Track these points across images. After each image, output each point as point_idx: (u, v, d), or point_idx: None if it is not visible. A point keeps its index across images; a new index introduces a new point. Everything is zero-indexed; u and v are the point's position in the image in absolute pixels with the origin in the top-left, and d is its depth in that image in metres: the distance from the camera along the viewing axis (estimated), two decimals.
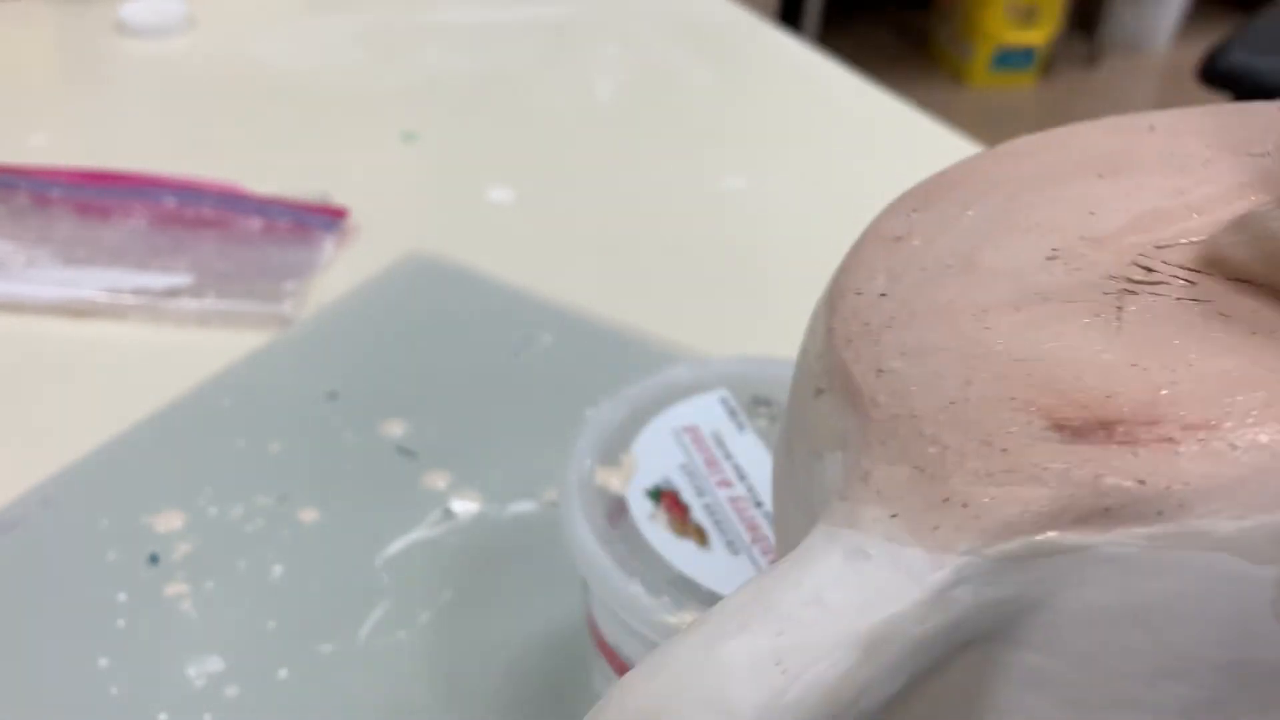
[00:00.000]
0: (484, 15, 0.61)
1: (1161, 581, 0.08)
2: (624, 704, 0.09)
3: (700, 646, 0.09)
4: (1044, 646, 0.09)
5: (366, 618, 0.25)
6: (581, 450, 0.21)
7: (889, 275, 0.10)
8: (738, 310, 0.38)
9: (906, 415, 0.09)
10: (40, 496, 0.28)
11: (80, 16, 0.57)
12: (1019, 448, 0.09)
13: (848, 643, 0.08)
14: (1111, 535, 0.08)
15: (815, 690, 0.08)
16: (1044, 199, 0.11)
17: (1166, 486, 0.08)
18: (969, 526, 0.09)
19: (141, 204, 0.39)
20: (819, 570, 0.09)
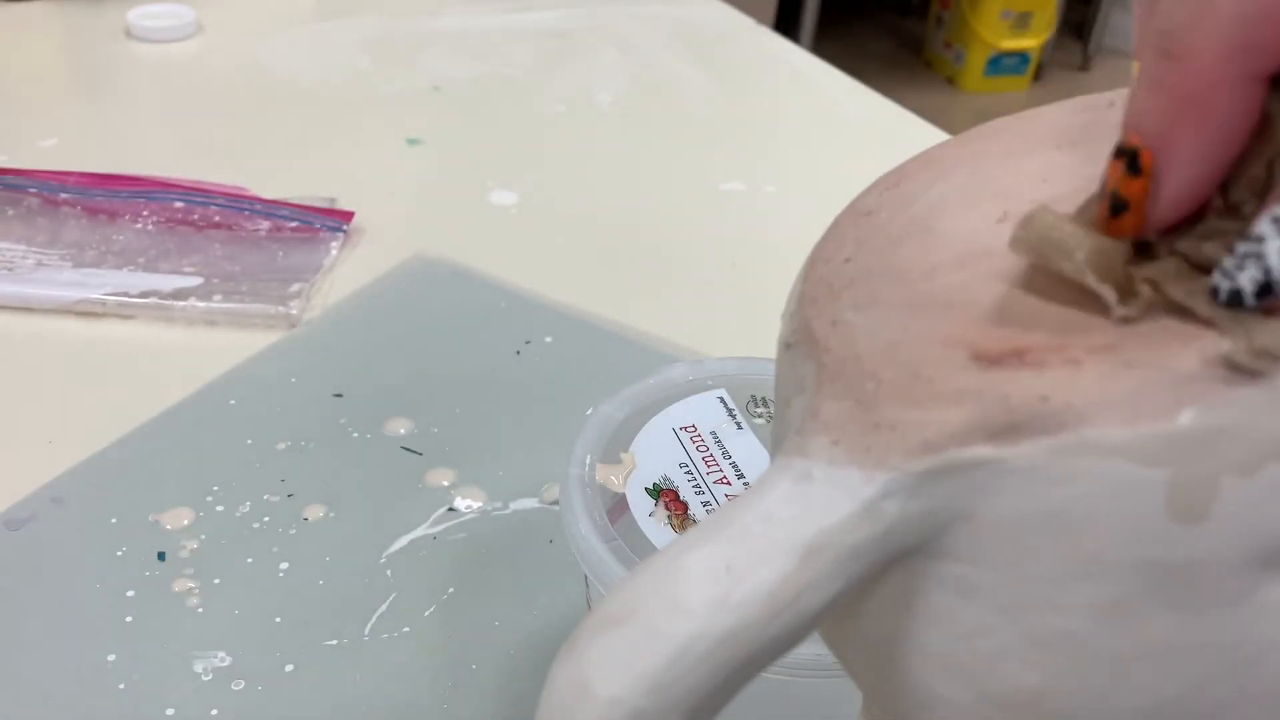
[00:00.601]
0: (487, 22, 0.61)
1: (1067, 489, 0.09)
2: (601, 609, 0.10)
3: (667, 558, 0.10)
4: (969, 556, 0.10)
5: (372, 613, 0.26)
6: (582, 448, 0.21)
7: (856, 244, 0.12)
8: (736, 311, 0.38)
9: (852, 357, 0.10)
10: (50, 494, 0.28)
11: (89, 21, 0.57)
12: (942, 377, 0.10)
13: (789, 550, 0.10)
14: (1020, 448, 0.09)
15: (759, 590, 0.10)
16: (1003, 171, 0.12)
17: (1067, 401, 0.09)
18: (895, 446, 0.10)
19: (150, 206, 0.40)
20: (771, 493, 0.10)
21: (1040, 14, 1.70)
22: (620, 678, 0.10)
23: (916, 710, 0.11)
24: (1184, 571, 0.09)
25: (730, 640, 0.10)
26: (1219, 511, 0.09)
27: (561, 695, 0.10)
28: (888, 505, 0.10)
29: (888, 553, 0.10)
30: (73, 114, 0.49)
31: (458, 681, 0.24)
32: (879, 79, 0.64)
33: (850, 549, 0.10)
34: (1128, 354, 0.09)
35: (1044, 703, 0.10)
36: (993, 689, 0.10)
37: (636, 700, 0.10)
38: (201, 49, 0.56)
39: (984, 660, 0.10)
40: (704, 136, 0.51)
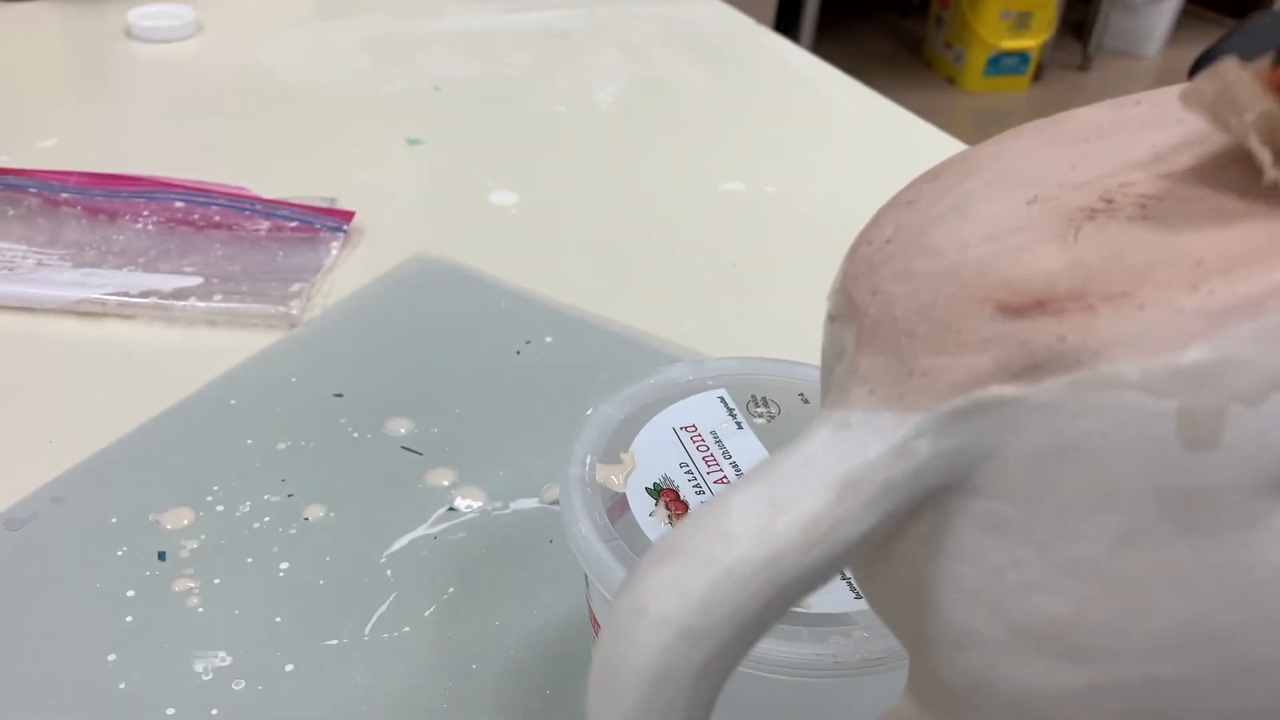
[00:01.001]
0: (487, 22, 0.61)
1: (1084, 422, 0.10)
2: (656, 547, 0.11)
3: (716, 501, 0.11)
4: (997, 492, 0.10)
5: (372, 612, 0.26)
6: (582, 448, 0.21)
7: (895, 228, 0.13)
8: (736, 311, 0.38)
9: (889, 319, 0.11)
10: (50, 494, 0.28)
11: (89, 21, 0.57)
12: (970, 328, 0.10)
13: (827, 485, 0.11)
14: (1040, 386, 0.10)
15: (798, 521, 0.10)
16: (1034, 162, 0.13)
17: (1082, 341, 0.10)
18: (926, 391, 0.10)
19: (150, 206, 0.40)
20: (813, 440, 0.11)
21: (1040, 14, 1.70)
22: (670, 598, 0.11)
23: (953, 651, 0.11)
24: (1197, 497, 0.10)
25: (771, 565, 0.10)
26: (1228, 439, 0.09)
27: (619, 619, 0.11)
28: (919, 444, 0.10)
29: (920, 490, 0.11)
30: (73, 114, 0.49)
31: (458, 681, 0.24)
32: (879, 79, 0.64)
33: (884, 484, 0.10)
34: (1141, 298, 0.10)
35: (1072, 632, 0.10)
36: (1023, 621, 0.11)
37: (685, 618, 0.10)
38: (202, 49, 0.56)
39: (1014, 593, 0.11)
40: (704, 137, 0.51)
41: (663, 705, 0.11)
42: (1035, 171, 0.12)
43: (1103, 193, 0.11)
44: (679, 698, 0.11)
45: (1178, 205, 0.11)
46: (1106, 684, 0.10)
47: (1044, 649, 0.11)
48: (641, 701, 0.11)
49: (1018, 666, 0.11)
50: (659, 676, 0.11)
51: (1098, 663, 0.10)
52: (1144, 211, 0.11)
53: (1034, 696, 0.11)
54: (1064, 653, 0.11)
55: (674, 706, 0.11)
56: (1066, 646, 0.10)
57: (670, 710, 0.11)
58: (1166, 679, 0.10)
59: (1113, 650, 0.10)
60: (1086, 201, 0.11)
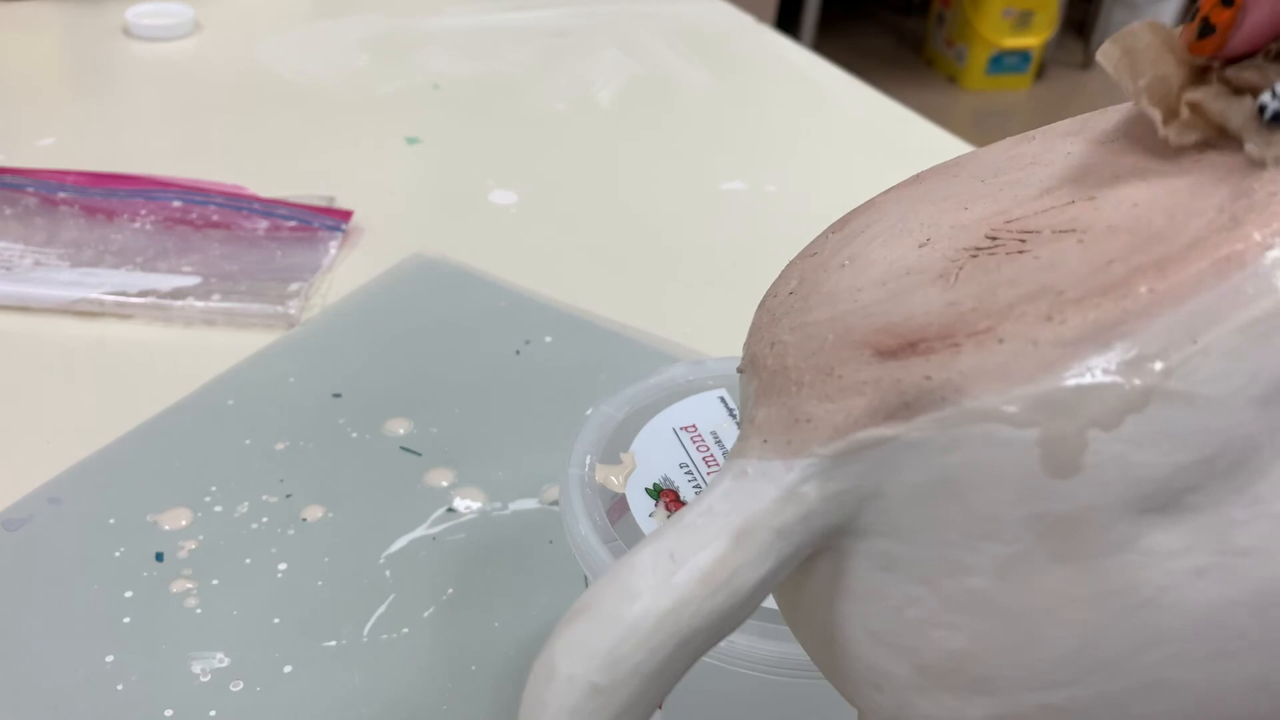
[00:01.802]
0: (486, 20, 0.61)
1: (955, 455, 0.10)
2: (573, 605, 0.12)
3: (624, 557, 0.11)
4: (884, 531, 0.11)
5: (370, 614, 0.26)
6: (582, 448, 0.21)
7: (799, 280, 0.13)
8: (736, 311, 0.38)
9: (781, 369, 0.12)
10: (48, 495, 0.28)
11: (87, 20, 0.57)
12: (849, 373, 0.11)
13: (723, 535, 0.11)
14: (912, 424, 0.10)
15: (696, 571, 0.11)
16: (931, 205, 0.13)
17: (947, 377, 0.10)
18: (810, 436, 0.11)
19: (148, 206, 0.40)
20: (713, 491, 0.11)
21: (1042, 12, 1.70)
22: (577, 657, 0.11)
23: (871, 692, 0.12)
24: (1069, 523, 0.10)
25: (672, 616, 0.11)
26: (1090, 463, 0.09)
27: (534, 680, 0.11)
28: (807, 489, 0.11)
29: (813, 533, 0.11)
30: (70, 113, 0.49)
31: (457, 682, 0.24)
32: (880, 78, 0.64)
33: (777, 530, 0.11)
34: (1001, 332, 0.10)
35: (971, 666, 0.11)
36: (925, 658, 0.11)
37: (591, 676, 0.11)
38: (200, 47, 0.55)
39: (914, 629, 0.11)
40: (704, 136, 0.50)
41: None
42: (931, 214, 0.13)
43: (989, 230, 0.12)
44: None
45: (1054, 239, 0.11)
46: (1009, 714, 0.11)
47: (947, 684, 0.11)
48: None
49: (927, 704, 0.11)
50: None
51: (999, 694, 0.11)
52: (1022, 246, 0.11)
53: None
54: (965, 686, 0.11)
55: None
56: (967, 680, 0.11)
57: None
58: (1066, 706, 0.10)
59: (1011, 680, 0.10)
60: (972, 241, 0.12)
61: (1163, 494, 0.09)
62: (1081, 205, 0.12)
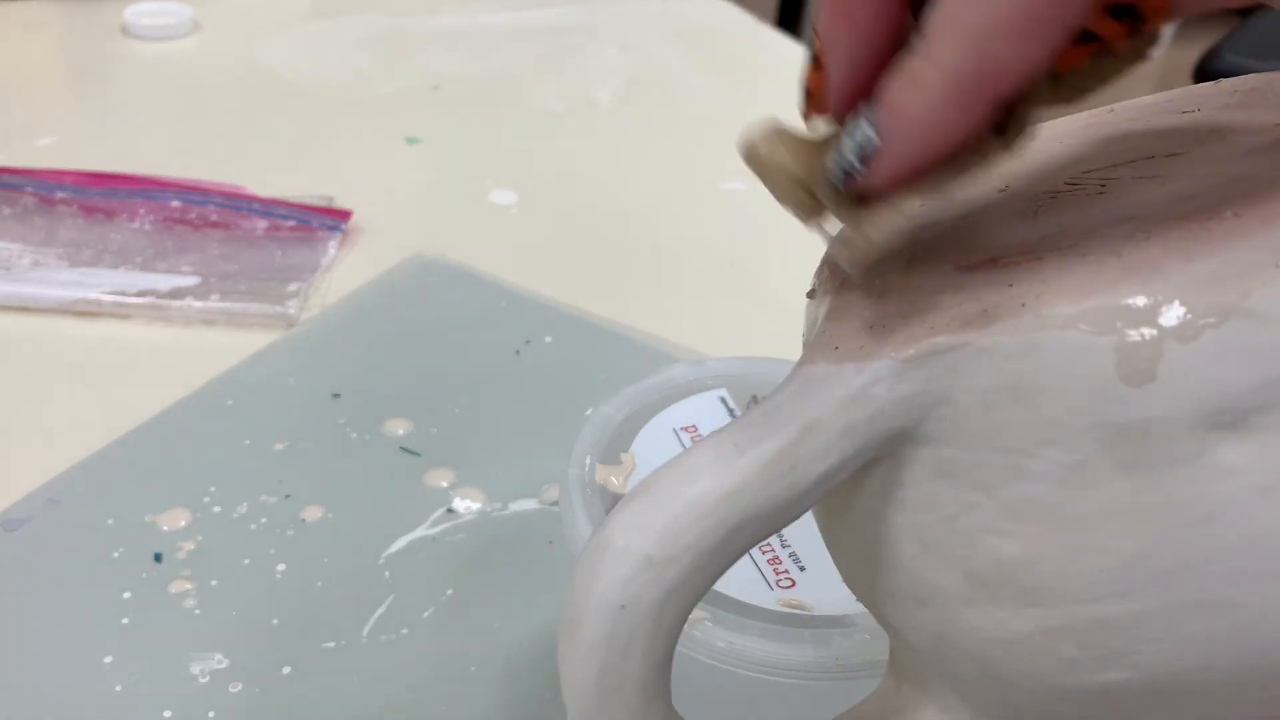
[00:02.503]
0: (486, 20, 0.61)
1: (1028, 361, 0.10)
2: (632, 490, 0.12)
3: (687, 449, 0.12)
4: (948, 438, 0.11)
5: (370, 615, 0.26)
6: (582, 449, 0.21)
7: None
8: (737, 311, 0.38)
9: (861, 285, 0.12)
10: (46, 495, 0.28)
11: (86, 19, 0.57)
12: (930, 285, 0.11)
13: (788, 428, 0.11)
14: (988, 330, 0.10)
15: (758, 459, 0.11)
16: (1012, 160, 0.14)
17: (1028, 286, 0.10)
18: (884, 341, 0.11)
19: (147, 205, 0.40)
20: (780, 393, 0.12)
21: None
22: (634, 531, 0.11)
23: (914, 608, 0.12)
24: (1137, 433, 0.10)
25: (730, 498, 0.11)
26: (1164, 374, 0.10)
27: (589, 553, 0.12)
28: (877, 390, 0.11)
29: (877, 434, 0.11)
30: (69, 112, 0.49)
31: (457, 683, 0.24)
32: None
33: (842, 428, 0.11)
34: (1084, 250, 0.10)
35: (1023, 574, 0.11)
36: (976, 566, 0.11)
37: (647, 549, 0.11)
38: (199, 47, 0.55)
39: (967, 538, 0.11)
40: (705, 135, 0.50)
41: (625, 634, 0.11)
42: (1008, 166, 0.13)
43: (1069, 178, 0.12)
44: (641, 627, 0.11)
45: (1134, 184, 0.11)
46: (1058, 627, 0.11)
47: (997, 595, 0.11)
48: (604, 630, 0.11)
49: (975, 616, 0.11)
50: (621, 605, 0.11)
51: (1049, 605, 0.11)
52: (1103, 190, 0.12)
53: (992, 645, 0.11)
54: (1016, 596, 0.11)
55: (636, 636, 0.11)
56: (1018, 590, 0.11)
57: (632, 639, 0.11)
58: (1116, 619, 0.10)
59: (1062, 591, 0.11)
60: (1052, 186, 0.12)
61: (1232, 410, 0.10)
62: (1162, 160, 0.12)
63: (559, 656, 0.12)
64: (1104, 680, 0.11)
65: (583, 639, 0.11)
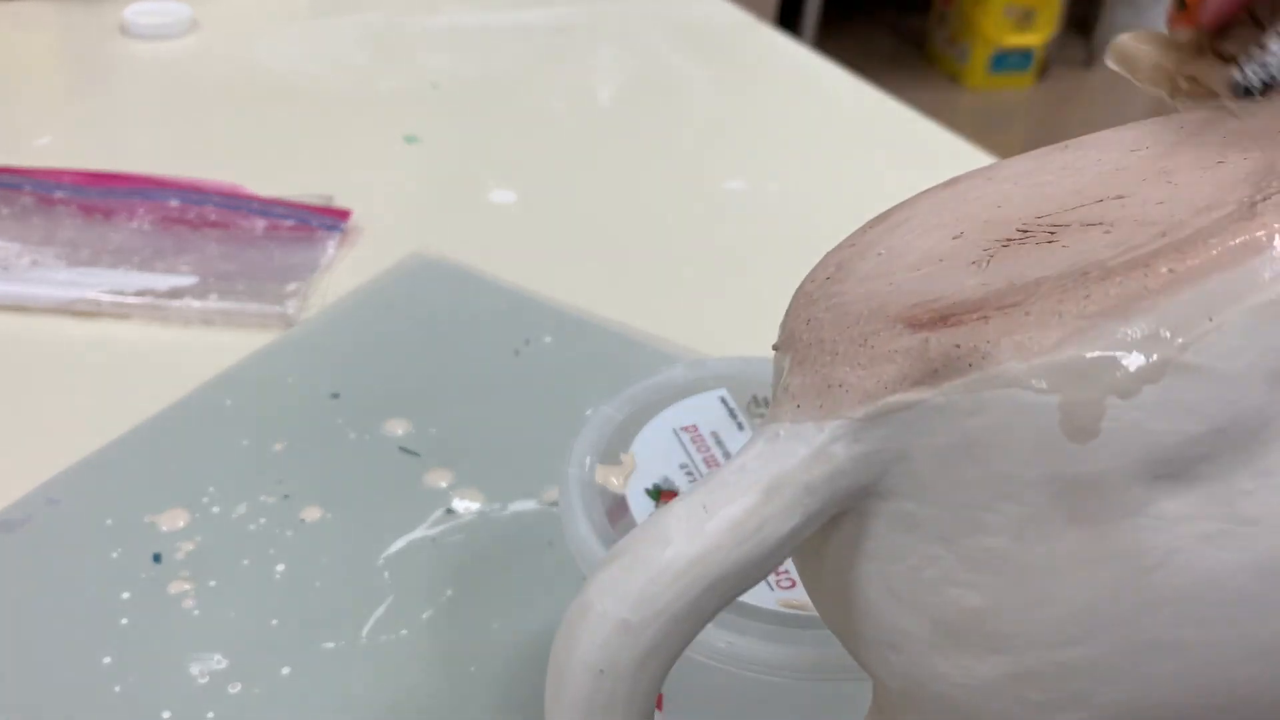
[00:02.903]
0: (485, 19, 0.61)
1: (980, 418, 0.11)
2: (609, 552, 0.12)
3: (660, 509, 0.12)
4: (908, 492, 0.11)
5: (369, 615, 0.26)
6: (582, 449, 0.21)
7: (836, 266, 0.14)
8: (737, 311, 0.38)
9: (817, 341, 0.12)
10: (45, 495, 0.28)
11: (84, 19, 0.57)
12: (881, 343, 0.12)
13: (753, 489, 0.12)
14: (939, 388, 0.11)
15: (726, 521, 0.11)
16: (965, 204, 0.14)
17: (974, 345, 0.11)
18: (842, 400, 0.12)
19: (145, 205, 0.40)
20: (747, 452, 0.12)
21: (1044, 10, 1.70)
22: (610, 596, 0.12)
23: (886, 652, 0.12)
24: (1085, 486, 0.10)
25: (701, 561, 0.11)
26: (1108, 429, 0.10)
27: (569, 617, 0.12)
28: (836, 448, 0.11)
29: (839, 491, 0.12)
30: (68, 112, 0.49)
31: (456, 684, 0.24)
32: (882, 76, 0.63)
33: (805, 486, 0.11)
34: (1028, 306, 0.11)
35: (985, 622, 0.11)
36: (942, 615, 0.11)
37: (623, 613, 0.11)
38: (197, 46, 0.55)
39: (931, 587, 0.11)
40: (705, 135, 0.50)
41: (605, 696, 0.12)
42: (965, 211, 0.14)
43: (1020, 224, 0.13)
44: (620, 688, 0.12)
45: (1081, 230, 0.12)
46: (1021, 672, 0.11)
47: (963, 642, 0.11)
48: (585, 693, 0.12)
49: (942, 662, 0.12)
50: (600, 669, 0.12)
51: (1012, 652, 0.11)
52: (1051, 237, 0.12)
53: (961, 690, 0.12)
54: (981, 644, 0.11)
55: (615, 697, 0.12)
56: (982, 637, 0.11)
57: (613, 701, 0.12)
58: (1075, 663, 0.11)
59: (1024, 638, 0.11)
60: (1004, 234, 0.13)
61: (1175, 461, 0.10)
62: (1109, 203, 0.12)
63: (546, 716, 0.12)
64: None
65: (565, 700, 0.12)
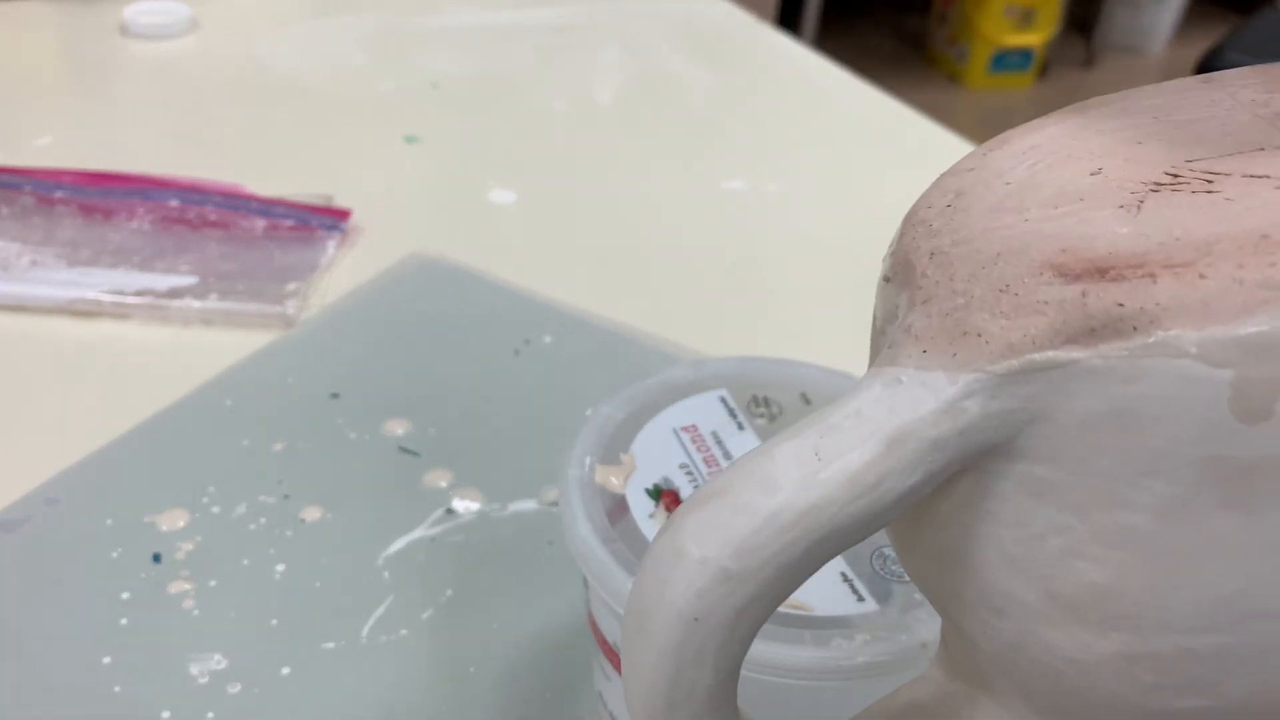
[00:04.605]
0: (485, 18, 0.61)
1: (1138, 387, 0.10)
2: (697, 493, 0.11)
3: (759, 450, 0.11)
4: (1043, 456, 0.10)
5: (369, 616, 0.26)
6: (582, 449, 0.21)
7: (956, 194, 0.13)
8: (737, 311, 0.38)
9: (945, 280, 0.11)
10: (45, 495, 0.28)
11: (84, 18, 0.57)
12: (1027, 291, 0.10)
13: (874, 439, 0.11)
14: (1097, 350, 0.10)
15: (843, 472, 0.10)
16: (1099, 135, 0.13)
17: (1141, 307, 0.10)
18: (980, 351, 0.10)
19: (145, 205, 0.40)
20: (861, 395, 0.11)
21: (1044, 10, 1.70)
22: (711, 542, 0.11)
23: (990, 617, 0.12)
24: (1246, 470, 0.10)
25: (813, 513, 0.11)
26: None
27: (657, 560, 0.11)
28: (969, 404, 0.10)
29: (967, 449, 0.11)
30: (67, 112, 0.49)
31: (456, 685, 0.24)
32: (882, 76, 0.64)
33: (932, 442, 0.10)
34: (1202, 268, 0.10)
35: (1108, 600, 0.10)
36: (1061, 588, 0.11)
37: (724, 561, 0.11)
38: (197, 46, 0.55)
39: (1053, 559, 0.11)
40: (705, 135, 0.50)
41: (696, 646, 0.11)
42: (1100, 144, 0.12)
43: (1169, 167, 0.11)
44: (713, 639, 0.11)
45: (1245, 183, 0.11)
46: (1142, 654, 0.10)
47: (1081, 617, 0.11)
48: (675, 641, 0.11)
49: (1054, 633, 0.11)
50: (695, 618, 0.11)
51: (1134, 632, 0.10)
52: (1210, 187, 0.11)
53: (1069, 664, 0.11)
54: (1101, 621, 0.11)
55: (707, 648, 0.11)
56: (1104, 615, 0.11)
57: (704, 652, 0.11)
58: (1203, 650, 0.10)
59: (1150, 620, 0.10)
60: (1151, 175, 0.11)
61: None
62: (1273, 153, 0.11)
63: (622, 656, 0.12)
64: (1181, 706, 0.11)
65: (652, 647, 0.11)
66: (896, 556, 0.13)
